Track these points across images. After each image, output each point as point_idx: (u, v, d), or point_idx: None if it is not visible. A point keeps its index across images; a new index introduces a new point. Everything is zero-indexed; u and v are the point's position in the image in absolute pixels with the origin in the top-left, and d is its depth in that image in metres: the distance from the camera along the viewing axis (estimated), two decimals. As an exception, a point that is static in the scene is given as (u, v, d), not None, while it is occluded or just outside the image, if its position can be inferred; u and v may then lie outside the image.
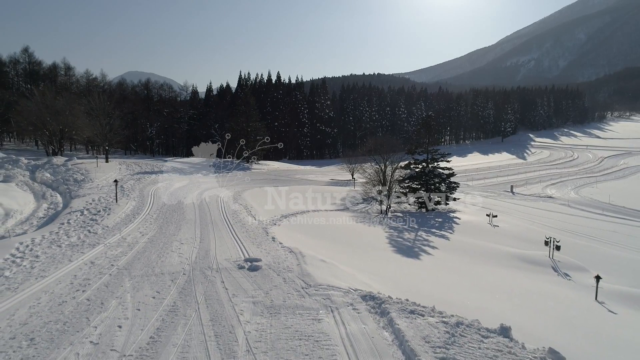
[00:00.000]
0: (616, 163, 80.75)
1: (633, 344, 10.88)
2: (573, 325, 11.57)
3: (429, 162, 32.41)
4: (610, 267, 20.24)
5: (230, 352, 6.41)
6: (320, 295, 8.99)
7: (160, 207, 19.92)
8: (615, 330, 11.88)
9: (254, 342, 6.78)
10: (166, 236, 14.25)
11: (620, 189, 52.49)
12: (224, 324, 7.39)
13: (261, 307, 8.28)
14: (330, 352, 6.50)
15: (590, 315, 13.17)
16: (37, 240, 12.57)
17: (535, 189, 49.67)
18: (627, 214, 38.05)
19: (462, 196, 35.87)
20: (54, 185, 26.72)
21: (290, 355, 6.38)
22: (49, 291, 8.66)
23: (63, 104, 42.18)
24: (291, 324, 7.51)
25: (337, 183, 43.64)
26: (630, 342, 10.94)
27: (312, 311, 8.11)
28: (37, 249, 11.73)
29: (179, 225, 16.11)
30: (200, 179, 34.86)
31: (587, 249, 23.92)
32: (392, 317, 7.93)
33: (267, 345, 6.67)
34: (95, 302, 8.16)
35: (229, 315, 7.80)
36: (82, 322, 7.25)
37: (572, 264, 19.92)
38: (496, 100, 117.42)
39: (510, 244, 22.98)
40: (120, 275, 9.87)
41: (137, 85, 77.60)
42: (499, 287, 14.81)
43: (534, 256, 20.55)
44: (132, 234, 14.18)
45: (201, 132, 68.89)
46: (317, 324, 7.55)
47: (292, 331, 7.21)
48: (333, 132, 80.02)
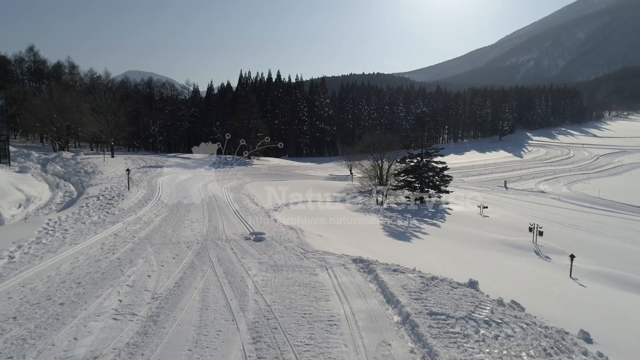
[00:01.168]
0: (611, 161, 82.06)
1: (593, 306, 12.30)
2: (542, 292, 12.96)
3: (423, 157, 33.82)
4: (590, 252, 21.69)
5: (242, 293, 7.83)
6: (317, 258, 10.42)
7: (170, 194, 21.34)
8: (579, 297, 13.30)
9: (261, 287, 8.20)
10: (178, 217, 15.67)
11: (611, 185, 53.89)
12: (235, 276, 8.82)
13: (266, 265, 9.70)
14: (324, 294, 7.92)
15: (561, 286, 14.57)
16: (63, 218, 13.99)
17: (528, 185, 51.11)
18: (615, 207, 39.46)
19: (456, 190, 37.28)
20: (66, 177, 28.12)
21: (291, 295, 7.80)
22: (83, 253, 10.08)
23: (70, 101, 43.60)
24: (291, 277, 8.93)
25: (335, 178, 45.04)
26: (591, 305, 12.35)
27: (310, 269, 9.53)
28: (65, 224, 13.15)
29: (189, 209, 17.53)
30: (204, 172, 36.23)
31: (571, 236, 25.35)
32: (378, 273, 9.35)
33: (272, 289, 8.09)
34: (125, 261, 9.59)
35: (239, 270, 9.22)
36: (117, 273, 8.68)
37: (554, 248, 21.33)
38: (494, 100, 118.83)
39: (498, 232, 24.39)
40: (142, 243, 11.29)
41: (140, 83, 79.11)
42: (480, 264, 16.21)
43: (519, 242, 21.98)
44: (147, 215, 15.60)
45: (202, 130, 70.35)
46: (313, 277, 8.97)
47: (292, 281, 8.63)
48: (332, 130, 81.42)
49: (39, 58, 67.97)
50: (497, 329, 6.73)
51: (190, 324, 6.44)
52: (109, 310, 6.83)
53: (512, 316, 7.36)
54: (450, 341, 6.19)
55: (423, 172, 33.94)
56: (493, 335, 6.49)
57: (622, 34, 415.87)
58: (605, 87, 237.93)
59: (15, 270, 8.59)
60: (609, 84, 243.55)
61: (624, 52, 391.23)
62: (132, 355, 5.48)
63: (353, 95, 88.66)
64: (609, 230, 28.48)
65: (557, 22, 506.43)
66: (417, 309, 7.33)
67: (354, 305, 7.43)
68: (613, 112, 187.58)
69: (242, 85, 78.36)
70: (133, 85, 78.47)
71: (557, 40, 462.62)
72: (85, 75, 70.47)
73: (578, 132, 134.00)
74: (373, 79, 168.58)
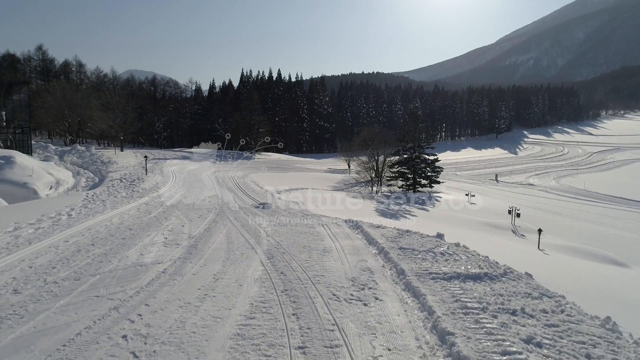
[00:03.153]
0: (604, 158, 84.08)
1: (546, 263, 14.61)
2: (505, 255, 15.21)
3: (416, 149, 36.13)
4: (562, 231, 24.02)
5: (257, 235, 10.15)
6: (315, 218, 12.75)
7: (183, 179, 23.66)
8: (540, 259, 15.60)
9: (271, 233, 10.52)
10: (194, 194, 17.99)
11: (599, 179, 56.13)
12: (250, 227, 11.16)
13: (274, 222, 12.03)
14: (320, 237, 10.24)
15: (526, 253, 16.85)
16: (98, 193, 16.31)
17: (519, 178, 53.42)
18: (598, 197, 41.77)
19: (448, 182, 39.61)
20: (84, 166, 30.44)
21: (294, 237, 10.13)
22: (126, 213, 12.40)
23: (80, 98, 45.92)
24: (294, 228, 11.25)
25: (334, 171, 47.36)
26: (544, 263, 14.65)
27: (309, 225, 11.85)
28: (101, 197, 15.46)
29: (202, 189, 19.85)
30: (209, 164, 38.54)
31: (549, 220, 27.64)
32: (363, 228, 11.67)
33: (279, 234, 10.42)
34: (160, 218, 11.92)
35: (252, 224, 11.56)
36: (157, 224, 11.01)
37: (530, 228, 23.60)
38: (491, 98, 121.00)
39: (482, 216, 26.68)
40: (170, 208, 13.63)
41: (144, 81, 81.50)
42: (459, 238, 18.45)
43: (499, 223, 24.28)
44: (168, 192, 17.93)
45: (205, 127, 72.64)
46: (312, 229, 11.29)
47: (295, 230, 10.95)
48: (331, 127, 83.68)
49: (47, 57, 70.16)
50: (449, 256, 9.03)
51: (221, 250, 8.76)
52: (159, 242, 9.15)
53: (462, 251, 9.67)
54: (411, 261, 8.49)
55: (416, 164, 36.25)
56: (444, 259, 8.78)
57: (621, 33, 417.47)
58: (603, 86, 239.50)
59: (77, 222, 10.91)
60: (606, 83, 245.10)
61: (622, 51, 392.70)
62: (184, 261, 7.80)
63: (352, 93, 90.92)
64: (585, 215, 30.80)
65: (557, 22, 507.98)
66: (391, 245, 9.64)
67: (342, 243, 9.75)
68: (610, 111, 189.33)
69: (243, 83, 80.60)
70: (137, 83, 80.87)
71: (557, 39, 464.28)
72: (91, 74, 72.78)
73: (574, 130, 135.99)
74: (373, 78, 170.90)
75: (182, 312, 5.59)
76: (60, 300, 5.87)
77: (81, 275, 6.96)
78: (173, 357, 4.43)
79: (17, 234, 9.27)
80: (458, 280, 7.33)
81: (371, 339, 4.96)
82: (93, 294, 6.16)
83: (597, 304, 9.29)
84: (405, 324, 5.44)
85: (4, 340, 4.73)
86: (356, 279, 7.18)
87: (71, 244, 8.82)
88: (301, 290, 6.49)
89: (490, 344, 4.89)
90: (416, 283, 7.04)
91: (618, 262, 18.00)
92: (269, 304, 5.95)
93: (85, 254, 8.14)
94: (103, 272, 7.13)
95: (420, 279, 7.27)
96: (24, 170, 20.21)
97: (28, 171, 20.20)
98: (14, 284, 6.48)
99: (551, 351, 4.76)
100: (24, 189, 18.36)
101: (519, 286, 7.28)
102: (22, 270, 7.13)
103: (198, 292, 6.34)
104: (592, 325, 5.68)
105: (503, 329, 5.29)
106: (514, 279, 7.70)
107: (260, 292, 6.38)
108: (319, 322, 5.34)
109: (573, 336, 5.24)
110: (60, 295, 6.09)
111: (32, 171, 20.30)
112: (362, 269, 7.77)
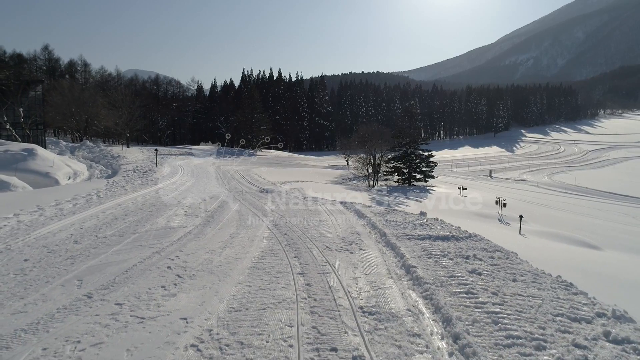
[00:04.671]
0: (599, 156, 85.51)
1: (526, 243, 16.25)
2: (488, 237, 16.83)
3: (411, 145, 37.78)
4: (546, 220, 25.63)
5: (263, 211, 11.82)
6: (313, 200, 14.41)
7: (190, 171, 25.33)
8: (519, 241, 17.21)
9: (275, 210, 12.19)
10: (202, 183, 19.65)
11: (592, 176, 57.71)
12: (256, 205, 12.83)
13: (277, 203, 13.70)
14: (317, 213, 11.91)
15: (507, 236, 18.47)
16: (117, 180, 17.97)
17: (512, 175, 55.02)
18: (587, 192, 43.38)
19: (442, 177, 41.23)
20: (95, 160, 32.09)
21: (295, 213, 11.80)
22: (146, 195, 14.08)
23: (87, 96, 47.58)
24: (295, 208, 12.92)
25: (333, 167, 49.01)
26: (523, 244, 16.27)
27: (308, 204, 13.52)
28: (120, 183, 17.11)
29: (210, 179, 21.53)
30: (213, 159, 40.21)
31: (535, 211, 29.27)
32: (356, 207, 13.32)
33: (282, 210, 12.10)
34: (178, 198, 13.63)
35: (259, 203, 13.24)
36: (176, 202, 12.70)
37: (515, 217, 25.19)
38: (489, 98, 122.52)
39: (472, 207, 28.33)
40: (184, 192, 15.31)
41: (147, 81, 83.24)
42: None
43: (487, 213, 25.90)
44: (179, 181, 19.61)
45: (207, 125, 74.35)
46: (310, 207, 12.96)
47: (295, 209, 12.62)
48: (331, 125, 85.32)
49: (53, 56, 71.79)
50: (426, 226, 10.67)
51: (234, 219, 10.43)
52: (181, 214, 10.83)
53: (439, 223, 11.32)
54: (394, 228, 10.14)
55: (411, 159, 37.91)
56: (422, 227, 10.42)
57: (620, 33, 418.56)
58: (602, 85, 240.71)
59: (107, 200, 12.57)
60: (605, 82, 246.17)
61: (622, 51, 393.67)
62: (204, 226, 9.47)
63: (351, 92, 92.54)
64: (571, 207, 32.42)
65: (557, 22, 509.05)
66: (378, 219, 11.29)
67: (336, 216, 11.42)
68: (607, 110, 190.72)
69: (244, 82, 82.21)
70: (141, 82, 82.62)
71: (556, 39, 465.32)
72: (96, 73, 74.49)
73: (571, 129, 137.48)
74: (373, 77, 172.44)
75: (209, 255, 7.25)
76: (113, 248, 7.53)
77: (124, 233, 8.62)
78: (208, 277, 6.08)
79: (60, 207, 10.92)
80: (430, 240, 8.98)
81: (353, 269, 6.62)
82: (137, 244, 7.82)
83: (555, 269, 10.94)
84: (380, 262, 7.10)
85: (81, 267, 6.39)
86: (346, 238, 8.83)
87: (108, 214, 10.49)
88: (301, 244, 8.14)
89: (442, 272, 6.54)
90: (394, 241, 8.68)
91: (591, 245, 19.61)
92: (275, 251, 7.60)
93: (122, 220, 9.81)
94: (140, 232, 8.79)
95: (398, 239, 8.91)
96: (45, 161, 21.85)
97: (49, 162, 21.84)
98: (73, 237, 8.14)
99: (487, 277, 6.40)
100: (46, 178, 20.00)
101: (478, 245, 8.93)
102: (75, 229, 8.79)
103: (219, 244, 8.01)
104: (527, 268, 7.32)
105: (455, 265, 6.94)
106: (476, 240, 9.35)
107: (269, 245, 8.04)
108: (314, 261, 7.00)
109: (508, 270, 6.88)
110: (112, 245, 7.75)
111: (52, 162, 21.94)
112: (351, 233, 9.43)
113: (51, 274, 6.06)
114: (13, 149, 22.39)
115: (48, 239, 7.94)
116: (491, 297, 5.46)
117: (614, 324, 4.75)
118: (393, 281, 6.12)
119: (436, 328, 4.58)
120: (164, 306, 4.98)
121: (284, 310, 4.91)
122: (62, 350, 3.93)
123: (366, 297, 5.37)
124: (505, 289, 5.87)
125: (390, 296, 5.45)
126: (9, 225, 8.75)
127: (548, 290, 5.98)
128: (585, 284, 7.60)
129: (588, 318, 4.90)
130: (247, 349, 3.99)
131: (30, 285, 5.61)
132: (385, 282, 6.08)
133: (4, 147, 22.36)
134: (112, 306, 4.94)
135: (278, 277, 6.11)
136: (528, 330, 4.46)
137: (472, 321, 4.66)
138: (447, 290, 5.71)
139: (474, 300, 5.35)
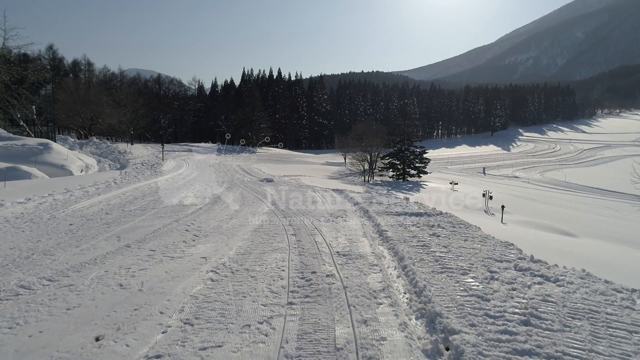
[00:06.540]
0: (594, 154, 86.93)
1: (505, 230, 17.79)
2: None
3: (405, 142, 39.33)
4: (529, 212, 27.17)
5: (263, 195, 13.40)
6: (310, 188, 15.97)
7: (195, 165, 26.89)
8: (499, 228, 18.75)
9: (274, 194, 13.75)
10: (207, 174, 21.20)
11: (583, 173, 59.22)
12: (258, 191, 14.40)
13: (276, 189, 15.26)
14: (312, 197, 13.47)
15: (489, 224, 20.01)
16: (128, 171, 19.54)
17: (505, 172, 56.59)
18: (575, 188, 44.92)
19: (436, 173, 42.79)
20: (103, 155, 33.64)
21: (292, 198, 13.36)
22: (158, 182, 15.65)
23: (92, 95, 49.15)
24: (292, 194, 14.47)
25: (331, 164, 50.56)
26: (503, 230, 17.82)
27: (303, 191, 15.08)
28: (132, 174, 18.68)
29: (213, 172, 23.07)
30: (215, 156, 41.78)
31: (520, 203, 30.84)
32: (346, 193, 14.88)
33: (280, 195, 13.66)
34: (187, 184, 15.20)
35: (260, 190, 14.81)
36: (185, 189, 14.26)
37: (500, 209, 26.82)
38: (487, 97, 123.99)
39: (461, 200, 29.88)
40: (192, 181, 16.87)
41: (149, 80, 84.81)
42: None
43: (474, 204, 27.47)
44: (185, 172, 21.16)
45: (208, 124, 75.93)
46: (306, 193, 14.52)
47: (293, 195, 14.17)
48: (330, 124, 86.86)
49: (57, 56, 73.25)
50: (405, 205, 12.22)
51: (238, 200, 12.00)
52: (191, 196, 12.41)
53: (417, 204, 12.87)
54: (376, 206, 11.69)
55: (405, 156, 39.47)
56: (401, 207, 11.98)
57: (620, 33, 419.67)
58: (600, 85, 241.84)
59: (124, 185, 14.13)
60: (604, 82, 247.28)
61: (622, 51, 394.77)
62: (213, 204, 11.03)
63: (350, 91, 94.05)
64: (557, 202, 33.96)
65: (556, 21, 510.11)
66: (365, 202, 12.85)
67: (328, 200, 12.98)
68: (605, 110, 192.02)
69: (244, 81, 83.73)
70: (143, 81, 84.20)
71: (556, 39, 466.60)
72: (99, 72, 76.03)
73: (568, 128, 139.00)
74: (372, 77, 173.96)
75: (218, 223, 8.82)
76: (139, 217, 9.10)
77: (145, 208, 10.19)
78: (219, 236, 7.65)
79: (85, 190, 12.48)
80: (405, 215, 10.53)
81: (336, 232, 8.19)
82: (157, 216, 9.39)
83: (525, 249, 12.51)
84: (359, 228, 8.67)
85: (117, 229, 7.96)
86: (333, 213, 10.40)
87: (128, 195, 12.06)
88: (295, 217, 9.71)
89: (408, 235, 8.09)
90: (374, 215, 10.24)
91: (569, 233, 21.14)
92: (273, 221, 9.17)
93: (141, 200, 11.39)
94: (159, 207, 10.36)
95: (378, 214, 10.46)
96: (60, 155, 23.41)
97: (63, 156, 23.40)
98: (104, 210, 9.71)
99: (443, 238, 7.95)
100: (62, 170, 21.56)
101: (446, 219, 10.47)
102: (104, 205, 10.36)
103: (226, 216, 9.58)
104: (480, 234, 8.86)
105: (420, 231, 8.50)
106: (445, 217, 10.90)
107: (268, 217, 9.61)
108: (305, 227, 8.57)
109: (463, 235, 8.43)
110: (137, 216, 9.31)
111: (67, 156, 23.51)
112: (339, 210, 10.99)
113: (94, 233, 7.63)
114: (30, 143, 23.96)
115: (83, 212, 9.51)
116: (441, 249, 7.02)
117: (527, 263, 6.31)
118: (367, 239, 7.68)
119: (391, 263, 6.14)
120: (187, 251, 6.54)
121: (279, 253, 6.48)
122: (119, 271, 5.49)
123: (342, 247, 6.94)
124: (455, 244, 7.43)
125: (362, 247, 7.02)
126: (47, 202, 10.31)
127: (490, 246, 7.53)
128: (545, 257, 9.14)
129: (509, 259, 6.46)
130: (251, 272, 5.55)
131: (81, 239, 7.18)
132: (360, 239, 7.64)
133: (21, 142, 23.93)
134: (148, 251, 6.51)
135: (275, 237, 7.67)
136: (460, 265, 6.01)
137: (419, 259, 6.22)
138: (408, 244, 7.27)
139: (426, 249, 6.91)
